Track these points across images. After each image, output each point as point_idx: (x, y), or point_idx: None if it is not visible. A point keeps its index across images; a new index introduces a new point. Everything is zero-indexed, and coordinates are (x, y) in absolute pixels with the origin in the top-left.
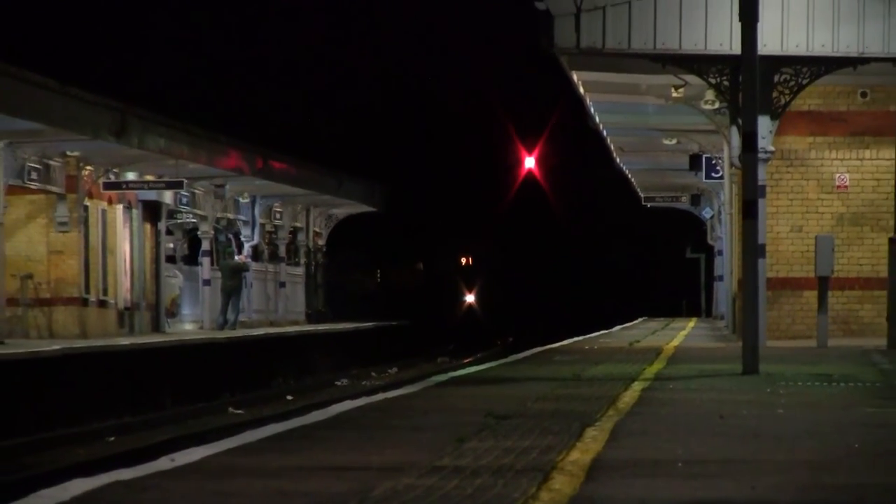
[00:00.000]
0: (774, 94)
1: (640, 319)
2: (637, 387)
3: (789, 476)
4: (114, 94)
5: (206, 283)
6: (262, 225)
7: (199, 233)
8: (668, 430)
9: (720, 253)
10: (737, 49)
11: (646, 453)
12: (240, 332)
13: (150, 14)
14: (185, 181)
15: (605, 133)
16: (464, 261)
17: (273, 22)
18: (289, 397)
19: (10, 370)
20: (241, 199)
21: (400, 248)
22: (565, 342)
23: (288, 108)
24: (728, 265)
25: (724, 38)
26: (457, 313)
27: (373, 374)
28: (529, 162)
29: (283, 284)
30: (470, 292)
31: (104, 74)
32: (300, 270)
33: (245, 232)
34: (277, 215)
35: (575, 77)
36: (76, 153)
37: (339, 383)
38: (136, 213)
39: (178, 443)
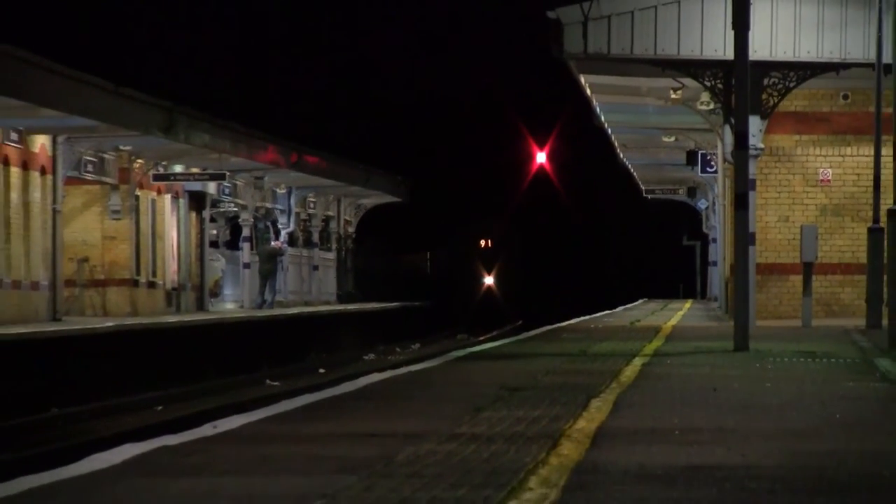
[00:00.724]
0: (764, 96)
1: (640, 301)
2: (637, 362)
3: (776, 443)
4: (162, 93)
5: (246, 266)
6: (297, 214)
7: (239, 220)
8: (666, 402)
9: (714, 240)
10: (730, 55)
11: (645, 423)
12: (276, 311)
13: (195, 19)
14: (228, 173)
15: (609, 131)
16: (482, 245)
17: (311, 32)
18: (321, 370)
19: (67, 344)
20: (278, 190)
21: (421, 235)
22: (572, 321)
23: (321, 108)
24: (721, 252)
25: (719, 45)
26: (475, 295)
27: (397, 349)
28: (541, 157)
29: (316, 268)
30: (488, 275)
31: (153, 74)
32: (332, 255)
33: (282, 220)
34: (311, 205)
35: (582, 80)
36: (128, 147)
37: (366, 358)
38: (182, 202)
39: (220, 412)
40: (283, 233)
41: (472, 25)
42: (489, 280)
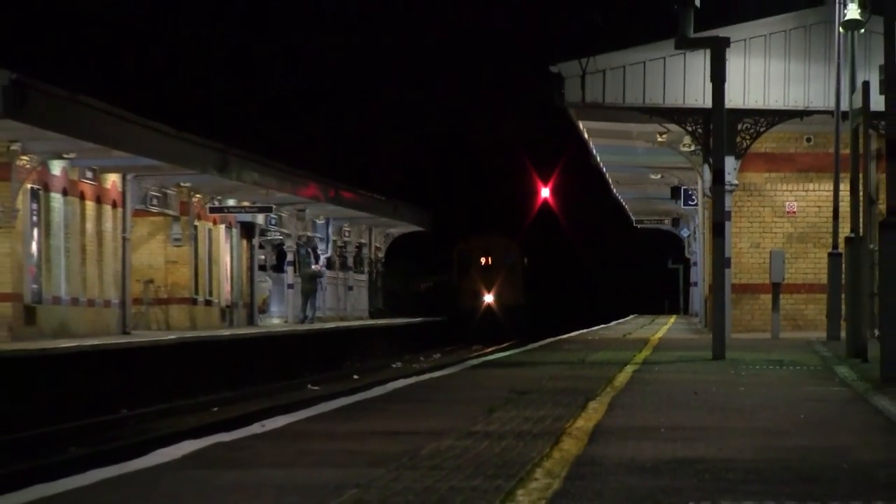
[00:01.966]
0: (738, 139)
1: (631, 316)
2: (629, 369)
3: (749, 440)
4: (217, 136)
5: (290, 286)
6: (334, 241)
7: (284, 247)
8: (654, 404)
9: (695, 264)
10: (708, 103)
11: (636, 422)
12: (316, 326)
13: (242, 67)
14: (274, 206)
15: (604, 169)
16: (481, 263)
17: (347, 86)
18: (355, 377)
19: (135, 354)
20: (317, 221)
21: (442, 259)
22: (572, 334)
23: (356, 149)
24: (701, 273)
25: (699, 95)
26: (475, 313)
27: (421, 358)
28: (545, 192)
29: (350, 288)
30: (487, 293)
31: (209, 119)
32: (364, 277)
33: (321, 246)
34: (346, 233)
35: (581, 125)
36: (188, 184)
37: (394, 366)
38: (234, 231)
39: (267, 412)
40: (322, 258)
41: (487, 76)
42: (488, 298)
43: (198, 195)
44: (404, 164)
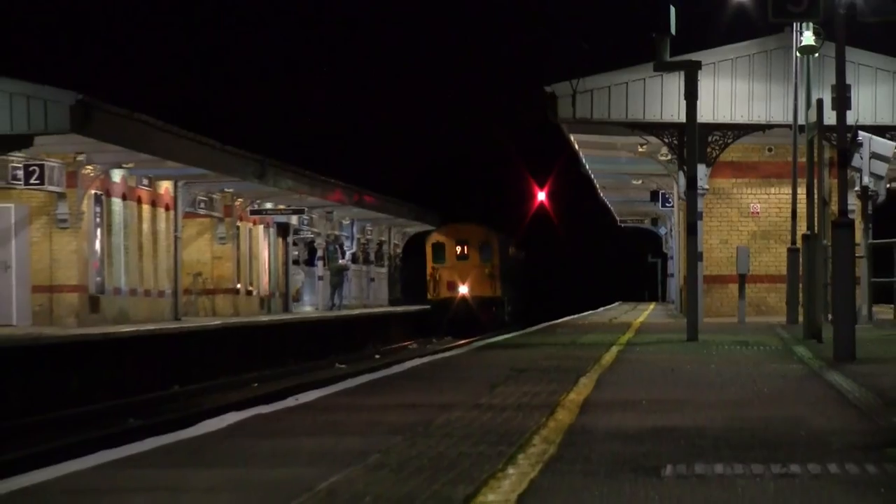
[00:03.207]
0: (708, 150)
1: (616, 303)
2: (615, 350)
3: (719, 411)
4: (255, 149)
5: (320, 278)
6: (358, 239)
7: (314, 244)
8: (636, 380)
9: (671, 258)
10: (682, 119)
11: (621, 395)
12: (343, 312)
13: (279, 85)
14: (306, 209)
15: (592, 176)
16: (457, 253)
17: (366, 99)
18: (377, 356)
19: (186, 338)
20: (343, 221)
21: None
22: (565, 319)
23: (376, 158)
24: (677, 266)
25: (674, 111)
26: (449, 304)
27: (433, 340)
28: (541, 196)
29: (372, 279)
30: (462, 284)
31: (249, 131)
32: (384, 270)
33: (346, 244)
34: (368, 232)
35: (572, 138)
36: (231, 190)
37: (410, 346)
38: (271, 231)
39: (301, 388)
40: (348, 253)
41: (490, 95)
42: (463, 290)
43: (239, 199)
44: (418, 171)
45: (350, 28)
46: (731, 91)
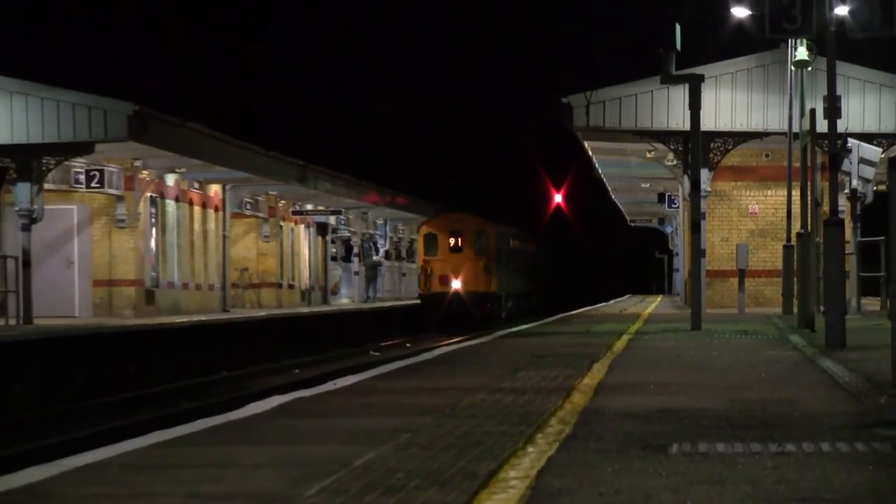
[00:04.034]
0: (711, 155)
1: (627, 296)
2: (625, 338)
3: (720, 393)
4: (297, 154)
5: (356, 273)
6: (391, 237)
7: (351, 242)
8: (645, 365)
9: (676, 254)
10: (687, 127)
11: (630, 379)
12: (377, 305)
13: (310, 94)
14: (343, 210)
15: (604, 179)
16: (449, 245)
17: (392, 113)
18: (407, 344)
19: (234, 327)
20: (377, 221)
21: None
22: (580, 310)
23: (409, 162)
24: (681, 262)
25: (679, 120)
26: (441, 299)
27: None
28: (558, 197)
29: (404, 274)
30: (455, 278)
31: (290, 137)
32: (415, 265)
33: (380, 241)
34: (400, 231)
35: (586, 144)
36: (274, 192)
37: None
38: (311, 230)
39: (338, 373)
40: (381, 250)
41: (513, 106)
42: (456, 284)
43: (282, 201)
44: (447, 175)
45: (388, 46)
46: (732, 101)
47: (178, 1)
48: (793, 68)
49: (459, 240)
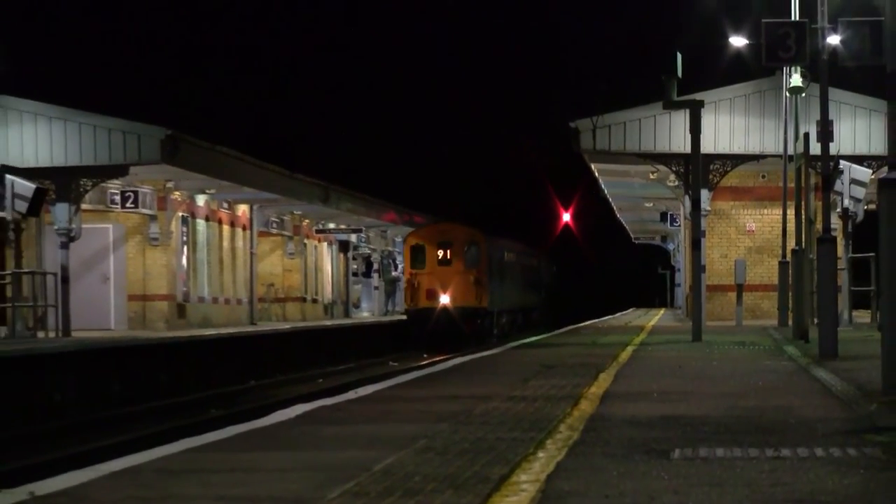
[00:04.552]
0: (710, 176)
1: (631, 309)
2: (629, 349)
3: (720, 401)
4: (320, 175)
5: (375, 288)
6: None
7: (371, 258)
8: (648, 375)
9: (678, 270)
10: (688, 149)
11: (635, 388)
12: (395, 318)
13: (330, 119)
14: (363, 228)
15: (610, 199)
16: (437, 258)
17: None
18: (424, 355)
19: (261, 339)
20: (396, 239)
21: None
22: (586, 323)
23: (426, 183)
24: (683, 277)
25: (681, 143)
26: (428, 315)
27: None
28: (566, 216)
29: None
30: (443, 293)
31: (313, 160)
32: None
33: (399, 258)
34: None
35: (592, 166)
36: (299, 212)
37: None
38: (334, 247)
39: (359, 383)
40: (400, 266)
41: (522, 131)
42: (444, 299)
43: (306, 220)
44: (461, 195)
45: (409, 74)
46: (730, 125)
47: (208, 29)
48: (787, 94)
49: (448, 251)
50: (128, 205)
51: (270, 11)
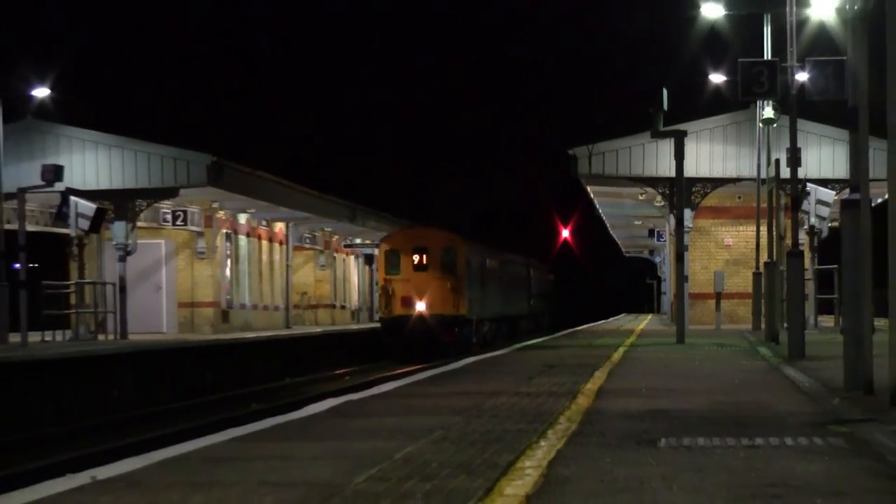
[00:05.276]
0: (693, 197)
1: (622, 315)
2: (621, 350)
3: (701, 397)
4: (348, 196)
5: None
6: None
7: None
8: (637, 373)
9: (664, 280)
10: (672, 174)
11: (626, 385)
12: None
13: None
14: None
15: (604, 217)
16: (414, 263)
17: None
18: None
19: (295, 341)
20: None
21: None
22: (583, 326)
23: (441, 204)
24: (668, 286)
25: (666, 168)
26: (403, 323)
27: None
28: (565, 232)
29: None
30: (419, 300)
31: (341, 182)
32: None
33: None
34: None
35: (588, 188)
36: (329, 229)
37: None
38: (360, 260)
39: (382, 380)
40: None
41: (527, 157)
42: (420, 306)
43: (336, 236)
44: (473, 213)
45: (430, 104)
46: (710, 152)
47: (249, 66)
48: (761, 125)
49: (424, 257)
50: (178, 223)
51: (306, 56)
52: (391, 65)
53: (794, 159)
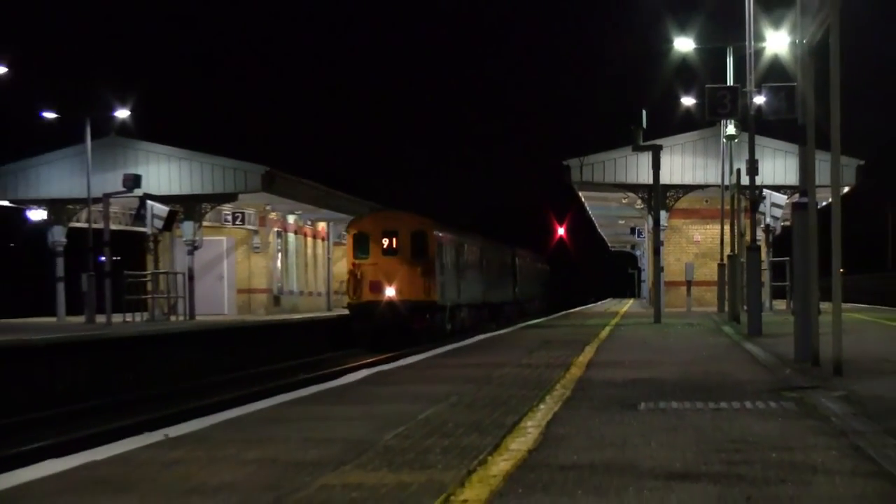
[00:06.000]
0: (667, 201)
1: (608, 299)
2: (607, 329)
3: (675, 367)
4: (371, 199)
5: None
6: None
7: None
8: (621, 348)
9: (643, 270)
10: (651, 181)
11: (612, 358)
12: None
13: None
14: None
15: (593, 218)
16: (383, 247)
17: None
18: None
19: (336, 321)
20: None
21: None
22: (575, 309)
23: (452, 203)
24: (647, 275)
25: (646, 176)
26: (372, 309)
27: (493, 325)
28: (560, 230)
29: None
30: (388, 286)
31: (367, 186)
32: None
33: None
34: None
35: (580, 193)
36: None
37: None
38: None
39: (408, 354)
40: None
41: (529, 165)
42: (390, 291)
43: None
44: (480, 212)
45: (445, 117)
46: (682, 163)
47: (289, 85)
48: (724, 140)
49: (394, 241)
50: (237, 222)
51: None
52: (411, 84)
53: (753, 169)
